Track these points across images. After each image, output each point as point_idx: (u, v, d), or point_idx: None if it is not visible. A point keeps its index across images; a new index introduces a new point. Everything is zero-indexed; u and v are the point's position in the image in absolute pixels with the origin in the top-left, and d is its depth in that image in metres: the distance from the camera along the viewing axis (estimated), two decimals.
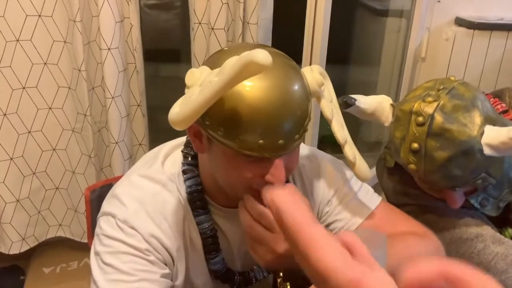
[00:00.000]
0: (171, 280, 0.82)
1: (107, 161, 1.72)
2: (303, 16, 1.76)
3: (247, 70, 0.61)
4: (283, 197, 0.21)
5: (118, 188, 0.84)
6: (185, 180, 0.83)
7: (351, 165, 0.85)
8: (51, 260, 1.90)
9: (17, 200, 1.69)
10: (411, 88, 2.20)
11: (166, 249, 0.80)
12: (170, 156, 0.87)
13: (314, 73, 0.77)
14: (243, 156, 0.71)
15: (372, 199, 0.94)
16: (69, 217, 1.82)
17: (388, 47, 2.40)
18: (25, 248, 1.76)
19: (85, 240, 1.79)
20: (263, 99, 0.68)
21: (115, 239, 0.77)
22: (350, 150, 0.84)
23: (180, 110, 0.68)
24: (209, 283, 0.88)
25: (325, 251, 0.19)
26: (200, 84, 0.69)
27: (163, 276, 0.78)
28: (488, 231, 0.95)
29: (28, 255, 1.86)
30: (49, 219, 1.81)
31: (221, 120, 0.69)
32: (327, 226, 0.94)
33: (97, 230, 0.81)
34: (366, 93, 1.02)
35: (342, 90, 2.72)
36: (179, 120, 0.68)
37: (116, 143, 1.64)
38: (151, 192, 0.82)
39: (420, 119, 0.85)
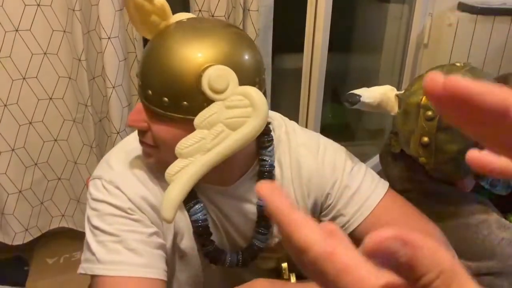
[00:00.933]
0: (163, 240, 0.82)
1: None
2: (304, 3, 1.74)
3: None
4: (266, 190, 0.26)
5: (108, 154, 0.86)
6: None
7: None
8: (55, 250, 1.91)
9: (20, 191, 1.69)
10: (414, 75, 2.19)
11: (154, 208, 0.80)
12: None
13: (214, 76, 0.68)
14: None
15: (377, 189, 0.90)
16: (71, 207, 1.83)
17: (390, 33, 2.38)
18: (28, 239, 1.76)
19: None
20: (158, 42, 0.72)
21: (100, 201, 0.78)
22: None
23: None
24: (194, 248, 0.87)
25: (304, 229, 0.23)
26: None
27: (151, 234, 0.79)
28: (493, 216, 0.94)
29: (32, 246, 1.86)
30: (51, 210, 1.82)
31: None
32: (332, 219, 0.91)
33: (87, 195, 0.83)
34: (368, 80, 1.01)
35: (344, 78, 2.71)
36: None
37: (118, 133, 1.63)
38: (139, 152, 0.83)
39: (429, 113, 0.85)
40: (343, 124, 2.75)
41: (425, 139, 0.86)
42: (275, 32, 1.72)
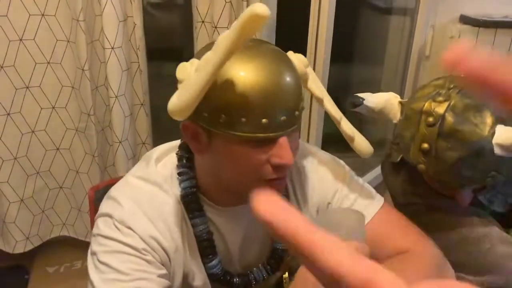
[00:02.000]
0: (169, 281, 0.81)
1: (111, 161, 1.72)
2: (306, 15, 1.75)
3: (249, 27, 0.60)
4: (270, 208, 0.21)
5: (114, 190, 0.83)
6: (180, 182, 0.82)
7: (349, 140, 0.87)
8: (55, 259, 1.91)
9: (21, 200, 1.69)
10: (415, 87, 2.19)
11: (164, 250, 0.79)
12: (162, 160, 0.86)
13: (298, 55, 0.79)
14: (247, 143, 0.71)
15: (374, 202, 0.91)
16: (73, 216, 1.83)
17: (392, 45, 2.39)
18: (29, 247, 1.76)
19: (89, 240, 1.78)
20: (262, 77, 0.69)
21: (112, 239, 0.76)
22: (347, 125, 0.85)
23: (179, 98, 0.67)
24: (208, 285, 0.87)
25: (329, 253, 0.19)
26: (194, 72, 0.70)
27: (160, 276, 0.77)
28: (495, 231, 0.94)
29: (32, 255, 1.86)
30: (53, 218, 1.82)
31: (221, 107, 0.69)
32: None
33: (94, 230, 0.80)
34: (370, 91, 1.02)
35: (346, 88, 2.72)
36: (181, 108, 0.67)
37: (120, 142, 1.64)
38: (147, 192, 0.81)
39: (431, 119, 0.85)
40: (340, 135, 2.74)
41: (425, 145, 0.86)
42: (277, 43, 1.72)
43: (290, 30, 1.88)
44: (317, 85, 0.83)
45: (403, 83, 2.22)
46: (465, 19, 2.04)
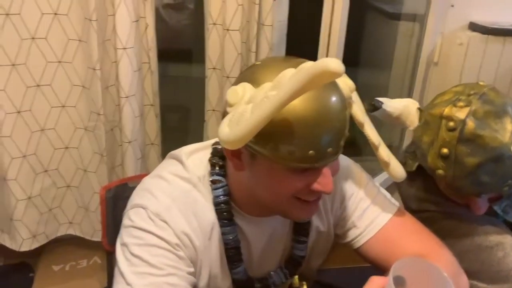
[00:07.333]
0: (196, 280, 0.82)
1: (119, 160, 1.72)
2: (317, 18, 1.75)
3: (318, 80, 0.60)
4: None
5: (149, 183, 0.83)
6: (213, 190, 0.83)
7: (385, 166, 0.87)
8: (61, 258, 1.91)
9: (29, 198, 1.69)
10: (423, 93, 2.19)
11: (194, 247, 0.80)
12: (190, 159, 0.86)
13: (345, 79, 0.77)
14: (291, 170, 0.71)
15: (389, 206, 0.93)
16: (79, 215, 1.83)
17: (400, 50, 2.39)
18: (35, 245, 1.76)
19: (96, 239, 1.79)
20: (310, 109, 0.68)
21: (145, 231, 0.76)
22: (384, 151, 0.86)
23: (232, 130, 0.66)
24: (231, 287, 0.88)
25: None
26: (248, 102, 0.68)
27: (189, 273, 0.78)
28: (508, 239, 0.94)
29: (38, 253, 1.87)
30: (60, 217, 1.82)
31: (270, 135, 0.68)
32: (346, 231, 0.94)
33: (125, 222, 0.79)
34: (377, 96, 1.02)
35: None
36: (235, 139, 0.66)
37: (129, 142, 1.64)
38: (182, 189, 0.81)
39: (451, 124, 0.85)
40: (351, 138, 2.75)
41: (445, 150, 0.86)
42: (288, 47, 1.73)
43: (301, 34, 1.88)
44: (360, 109, 0.83)
45: (411, 89, 2.22)
46: (474, 27, 2.05)
